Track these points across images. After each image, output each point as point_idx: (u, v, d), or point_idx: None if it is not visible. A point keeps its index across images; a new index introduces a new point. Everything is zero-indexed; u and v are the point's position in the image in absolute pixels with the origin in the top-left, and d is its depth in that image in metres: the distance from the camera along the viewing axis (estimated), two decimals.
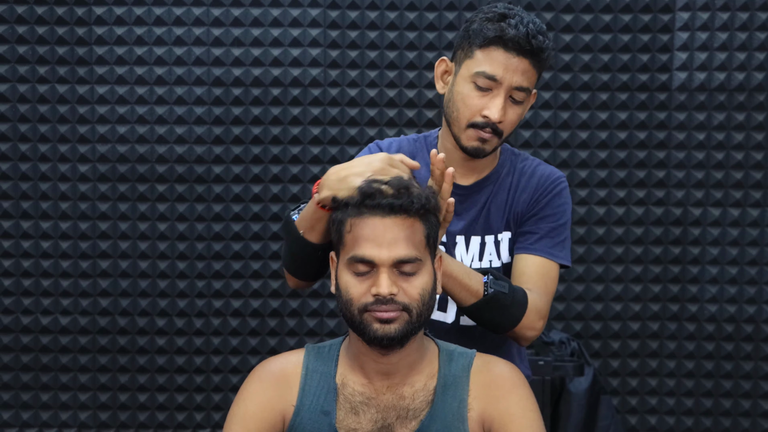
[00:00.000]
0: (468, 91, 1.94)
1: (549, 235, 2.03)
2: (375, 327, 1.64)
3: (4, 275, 3.77)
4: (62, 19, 3.69)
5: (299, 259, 1.91)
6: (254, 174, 3.76)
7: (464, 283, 1.87)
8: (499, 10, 1.94)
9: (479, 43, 1.92)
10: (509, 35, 1.89)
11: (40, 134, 3.73)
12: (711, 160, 3.76)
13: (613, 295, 3.81)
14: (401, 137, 2.14)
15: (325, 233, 1.84)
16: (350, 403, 1.72)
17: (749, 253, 3.78)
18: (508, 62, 1.91)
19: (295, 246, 1.89)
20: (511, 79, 1.91)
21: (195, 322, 3.79)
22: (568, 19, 3.72)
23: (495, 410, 1.71)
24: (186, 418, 3.82)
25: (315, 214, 1.82)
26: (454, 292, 1.87)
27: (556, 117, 3.77)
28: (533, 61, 1.93)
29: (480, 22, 1.94)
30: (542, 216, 2.05)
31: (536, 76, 1.97)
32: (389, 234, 1.63)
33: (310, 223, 1.84)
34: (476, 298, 1.88)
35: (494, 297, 1.89)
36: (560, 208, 2.06)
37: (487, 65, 1.91)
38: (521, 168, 2.10)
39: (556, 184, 2.08)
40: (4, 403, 3.80)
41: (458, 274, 1.86)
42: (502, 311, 1.91)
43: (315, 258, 1.90)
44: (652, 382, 3.82)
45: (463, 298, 1.89)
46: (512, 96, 1.94)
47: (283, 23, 3.72)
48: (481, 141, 1.96)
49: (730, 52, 3.72)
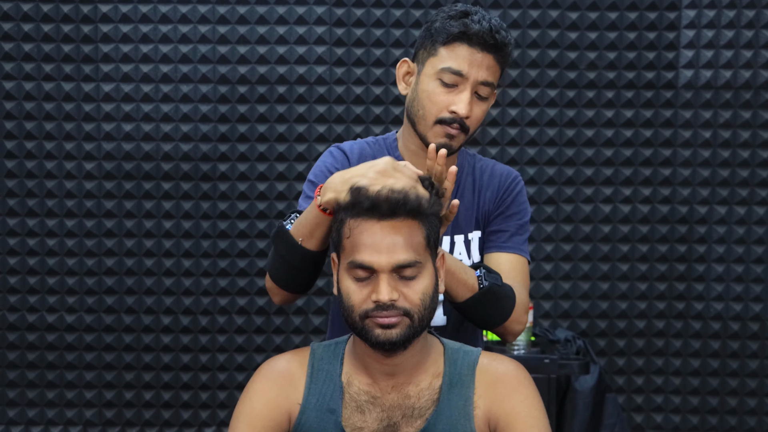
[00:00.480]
0: (434, 87, 1.95)
1: (518, 233, 2.07)
2: (377, 332, 1.63)
3: (10, 273, 3.77)
4: (68, 16, 3.69)
5: (294, 269, 1.90)
6: (260, 172, 3.76)
7: (461, 278, 1.87)
8: (460, 8, 1.97)
9: (443, 40, 1.94)
10: (473, 30, 1.91)
11: (45, 132, 3.74)
12: (717, 158, 3.75)
13: (619, 293, 3.80)
14: (360, 140, 2.12)
15: (323, 239, 1.83)
16: (356, 402, 1.71)
17: (755, 251, 3.77)
18: (473, 57, 1.92)
19: (290, 256, 1.88)
20: (476, 74, 1.93)
21: (200, 319, 3.80)
22: (574, 16, 3.72)
23: (501, 408, 1.71)
24: (191, 415, 3.82)
25: (316, 218, 1.80)
26: (451, 287, 1.87)
27: (562, 115, 3.76)
28: (497, 56, 1.94)
29: (442, 21, 1.96)
30: (509, 214, 2.07)
31: (499, 72, 1.99)
32: (387, 239, 1.62)
33: (309, 229, 1.83)
34: (472, 292, 1.89)
35: (489, 290, 1.90)
36: (523, 206, 2.10)
37: (452, 61, 1.93)
38: (480, 167, 2.11)
39: (517, 182, 2.11)
40: (9, 400, 3.81)
41: (455, 269, 1.86)
42: (495, 305, 1.93)
43: (312, 267, 1.90)
44: (658, 380, 3.82)
45: (458, 294, 1.89)
46: (477, 92, 1.95)
47: (289, 21, 3.72)
48: (449, 137, 1.96)
49: (736, 50, 3.72)
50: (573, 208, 3.79)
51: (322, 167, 2.05)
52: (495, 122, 3.76)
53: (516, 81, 3.76)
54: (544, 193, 3.78)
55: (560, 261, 3.80)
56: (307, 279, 1.94)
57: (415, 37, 3.72)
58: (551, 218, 3.80)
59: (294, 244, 1.86)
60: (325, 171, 2.03)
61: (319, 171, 2.04)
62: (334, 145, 2.11)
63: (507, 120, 3.76)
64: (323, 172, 2.03)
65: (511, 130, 3.77)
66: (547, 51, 3.74)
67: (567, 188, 3.79)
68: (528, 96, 3.76)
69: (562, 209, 3.79)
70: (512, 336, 2.01)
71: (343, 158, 2.05)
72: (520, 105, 3.76)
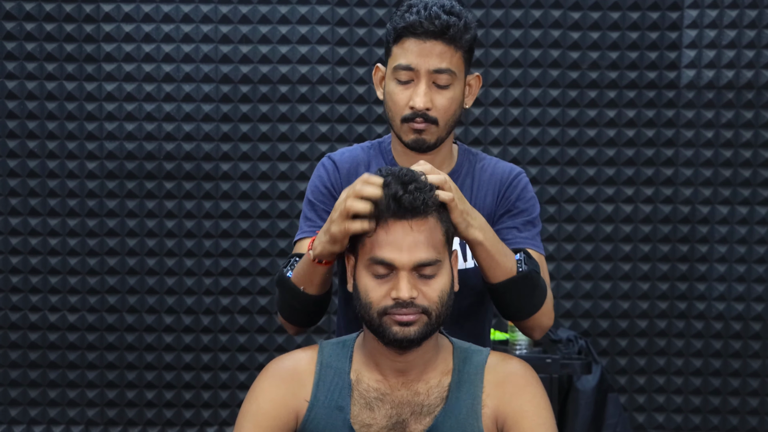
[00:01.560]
0: (393, 87, 1.94)
1: (528, 228, 2.02)
2: (395, 330, 1.64)
3: (12, 272, 3.77)
4: (70, 15, 3.69)
5: (302, 312, 1.92)
6: (262, 171, 3.76)
7: (498, 260, 1.83)
8: (406, 3, 1.96)
9: (393, 39, 1.95)
10: (412, 21, 1.90)
11: (48, 131, 3.74)
12: (719, 158, 3.76)
13: (621, 293, 3.81)
14: (355, 146, 2.12)
15: (324, 284, 1.87)
16: (365, 399, 1.72)
17: (757, 251, 3.78)
18: (420, 48, 1.90)
19: (295, 302, 1.91)
20: (426, 64, 1.90)
21: (203, 319, 3.80)
22: (576, 16, 3.72)
23: (508, 407, 1.71)
24: (194, 415, 3.82)
25: (312, 269, 1.83)
26: (489, 267, 1.83)
27: (564, 114, 3.77)
28: (445, 41, 1.90)
29: (391, 21, 1.97)
30: (517, 212, 2.03)
31: (459, 56, 1.93)
32: (409, 237, 1.63)
33: (308, 278, 1.86)
34: (509, 275, 1.85)
35: (528, 275, 1.86)
36: (531, 202, 2.05)
37: (402, 58, 1.92)
38: (480, 167, 2.07)
39: (520, 178, 2.06)
40: (12, 399, 3.81)
41: (495, 249, 1.82)
42: (530, 292, 1.89)
43: (318, 308, 1.93)
44: (660, 380, 3.82)
45: (495, 274, 1.84)
46: (435, 81, 1.92)
47: (291, 20, 3.72)
48: (418, 132, 1.94)
49: (738, 50, 3.72)
50: (575, 208, 3.79)
51: (317, 183, 2.06)
52: (497, 122, 3.77)
53: (518, 81, 3.76)
54: (546, 192, 3.78)
55: (562, 261, 3.81)
56: (316, 317, 1.98)
57: None
58: (553, 218, 3.80)
59: (297, 291, 1.89)
60: (320, 187, 2.05)
61: (315, 187, 2.06)
62: (327, 156, 2.11)
63: (509, 120, 3.77)
64: (318, 188, 2.05)
65: (514, 129, 3.77)
66: (550, 51, 3.75)
67: (569, 188, 3.79)
68: (530, 96, 3.76)
69: (564, 209, 3.79)
70: (540, 331, 1.97)
71: (333, 169, 2.05)
72: (522, 105, 3.76)
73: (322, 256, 1.78)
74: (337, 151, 2.12)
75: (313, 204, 2.04)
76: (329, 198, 2.03)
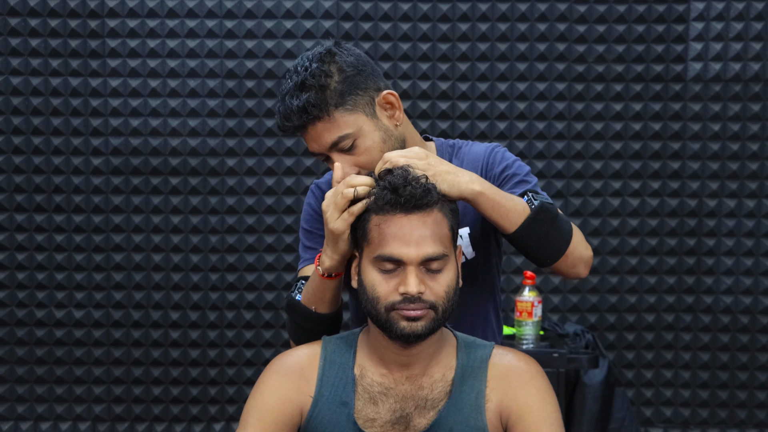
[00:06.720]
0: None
1: (522, 186, 1.94)
2: (402, 325, 1.64)
3: (18, 268, 3.77)
4: (75, 11, 3.69)
5: (316, 333, 1.90)
6: (268, 166, 3.75)
7: (506, 204, 1.79)
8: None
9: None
10: (276, 122, 1.92)
11: (53, 127, 3.74)
12: (726, 151, 3.74)
13: (628, 287, 3.80)
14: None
15: (335, 301, 1.88)
16: (369, 393, 1.72)
17: (765, 244, 3.76)
18: (310, 135, 1.88)
19: (308, 324, 1.91)
20: (319, 145, 1.88)
21: (209, 314, 3.80)
22: (582, 9, 3.71)
23: (513, 402, 1.71)
24: (200, 410, 3.82)
25: (322, 285, 1.85)
26: (500, 215, 1.79)
27: (570, 108, 3.75)
28: (319, 121, 1.85)
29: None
30: (505, 179, 1.97)
31: (342, 121, 1.85)
32: (416, 232, 1.64)
33: (319, 296, 1.87)
34: (524, 215, 1.81)
35: (542, 208, 1.82)
36: (515, 165, 1.98)
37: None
38: (460, 156, 2.03)
39: (496, 151, 2.01)
40: (18, 396, 3.81)
41: (499, 198, 1.79)
42: (553, 224, 1.83)
43: (331, 326, 1.93)
44: (667, 373, 3.81)
45: (510, 220, 1.80)
46: (338, 149, 1.87)
47: (296, 15, 3.71)
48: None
49: (745, 42, 3.70)
50: (582, 202, 3.78)
51: (309, 210, 2.08)
52: (503, 116, 3.76)
53: (524, 74, 3.74)
54: (552, 186, 3.77)
55: None
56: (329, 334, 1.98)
57: (423, 30, 3.72)
58: None
59: (309, 313, 1.90)
60: (312, 214, 2.06)
61: (308, 215, 2.08)
62: (314, 182, 2.12)
63: (515, 113, 3.76)
64: (311, 215, 2.07)
65: (520, 123, 3.76)
66: (556, 44, 3.73)
67: (576, 182, 3.78)
68: (536, 89, 3.75)
69: (571, 203, 3.78)
70: (584, 265, 1.89)
71: (321, 195, 2.06)
72: (528, 98, 3.75)
73: (332, 269, 1.80)
74: (323, 178, 2.12)
75: (309, 231, 2.06)
76: (323, 222, 2.01)
